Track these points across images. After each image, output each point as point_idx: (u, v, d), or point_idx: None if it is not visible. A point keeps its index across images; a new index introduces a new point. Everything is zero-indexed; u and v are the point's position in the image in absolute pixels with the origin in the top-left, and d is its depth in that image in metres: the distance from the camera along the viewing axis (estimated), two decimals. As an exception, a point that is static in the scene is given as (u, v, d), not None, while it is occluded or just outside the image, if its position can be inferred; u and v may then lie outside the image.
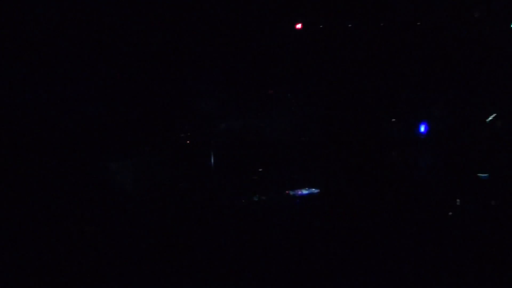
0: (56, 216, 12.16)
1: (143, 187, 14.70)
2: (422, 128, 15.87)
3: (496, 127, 16.28)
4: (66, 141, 14.55)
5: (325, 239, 11.51)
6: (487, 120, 15.70)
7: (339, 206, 13.12)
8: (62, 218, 12.11)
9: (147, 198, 14.39)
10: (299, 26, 18.13)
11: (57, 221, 12.01)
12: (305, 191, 13.99)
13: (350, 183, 14.14)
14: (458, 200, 13.31)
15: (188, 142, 15.80)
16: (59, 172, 13.75)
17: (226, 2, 17.19)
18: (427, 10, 17.44)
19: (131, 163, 14.93)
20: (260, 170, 15.64)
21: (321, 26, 18.72)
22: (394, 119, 16.17)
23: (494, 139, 15.57)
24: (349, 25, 17.58)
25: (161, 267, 10.58)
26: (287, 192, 14.02)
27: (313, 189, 14.08)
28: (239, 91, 16.58)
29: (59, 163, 14.09)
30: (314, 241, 11.51)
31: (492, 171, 14.43)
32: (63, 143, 14.50)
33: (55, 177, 13.49)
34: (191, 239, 11.68)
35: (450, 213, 13.01)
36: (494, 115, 15.71)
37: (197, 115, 15.65)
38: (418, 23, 17.80)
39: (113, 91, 15.76)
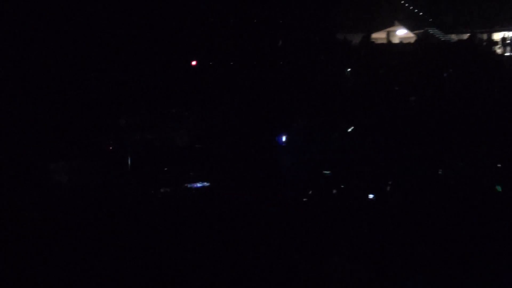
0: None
1: (76, 183, 14.51)
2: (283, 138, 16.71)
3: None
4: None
5: (214, 222, 10.76)
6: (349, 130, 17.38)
7: (223, 195, 12.87)
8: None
9: (80, 192, 13.99)
10: (194, 63, 19.14)
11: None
12: (199, 184, 14.28)
13: (232, 179, 14.30)
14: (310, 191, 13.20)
15: (111, 148, 16.36)
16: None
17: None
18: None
19: (68, 164, 14.79)
20: (165, 169, 16.08)
21: (210, 63, 19.54)
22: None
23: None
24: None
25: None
26: (185, 185, 14.22)
27: (205, 183, 14.41)
28: (149, 111, 17.56)
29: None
30: (206, 223, 10.77)
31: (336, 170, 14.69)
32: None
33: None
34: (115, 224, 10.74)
35: (305, 199, 12.76)
36: (352, 127, 17.44)
37: (118, 129, 15.65)
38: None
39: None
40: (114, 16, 18.61)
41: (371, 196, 10.28)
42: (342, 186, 13.07)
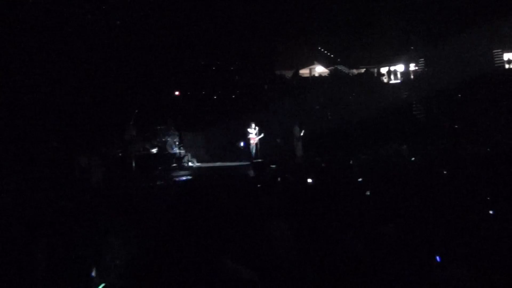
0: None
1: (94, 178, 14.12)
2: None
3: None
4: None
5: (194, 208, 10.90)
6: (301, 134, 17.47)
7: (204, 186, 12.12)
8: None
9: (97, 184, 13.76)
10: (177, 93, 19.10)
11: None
12: (183, 178, 14.30)
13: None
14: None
15: (120, 154, 16.20)
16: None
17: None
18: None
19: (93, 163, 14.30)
20: (160, 168, 16.06)
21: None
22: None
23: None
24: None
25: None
26: (174, 178, 14.24)
27: (189, 177, 14.46)
28: (146, 128, 16.98)
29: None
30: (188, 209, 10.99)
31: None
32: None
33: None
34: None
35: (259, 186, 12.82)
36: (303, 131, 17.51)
37: (124, 141, 15.55)
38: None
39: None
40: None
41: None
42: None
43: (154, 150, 17.37)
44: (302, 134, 17.75)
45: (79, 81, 16.21)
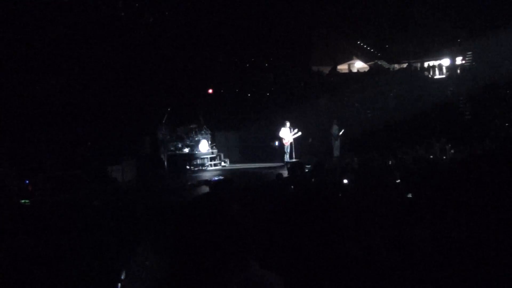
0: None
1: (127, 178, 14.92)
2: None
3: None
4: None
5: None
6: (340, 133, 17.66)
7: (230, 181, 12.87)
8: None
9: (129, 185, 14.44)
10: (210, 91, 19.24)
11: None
12: (216, 178, 14.19)
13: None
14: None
15: (152, 154, 16.46)
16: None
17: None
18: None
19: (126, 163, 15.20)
20: (192, 168, 16.31)
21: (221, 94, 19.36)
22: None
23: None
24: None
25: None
26: (206, 179, 14.10)
27: (221, 177, 14.31)
28: (178, 127, 17.17)
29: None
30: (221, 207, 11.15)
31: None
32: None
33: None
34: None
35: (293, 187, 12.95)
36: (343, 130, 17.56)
37: (157, 140, 15.81)
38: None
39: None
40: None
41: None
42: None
43: (186, 150, 17.59)
44: (341, 133, 17.62)
45: (111, 80, 16.59)
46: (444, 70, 26.72)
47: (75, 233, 6.42)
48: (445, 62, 27.39)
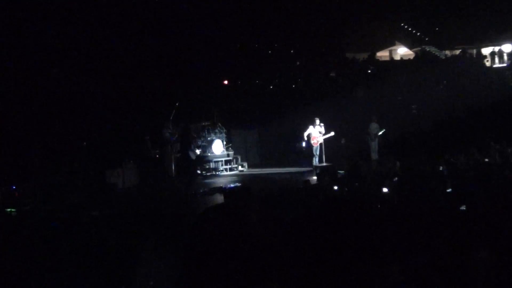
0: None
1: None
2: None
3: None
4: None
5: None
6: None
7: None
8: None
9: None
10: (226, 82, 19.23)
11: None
12: (231, 185, 14.51)
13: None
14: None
15: (157, 156, 16.64)
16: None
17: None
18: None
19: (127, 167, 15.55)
20: (204, 173, 16.38)
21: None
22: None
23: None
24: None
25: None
26: (220, 186, 14.41)
27: (237, 184, 14.69)
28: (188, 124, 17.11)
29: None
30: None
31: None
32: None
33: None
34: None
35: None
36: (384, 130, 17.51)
37: (163, 140, 15.91)
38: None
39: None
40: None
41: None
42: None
43: (198, 151, 17.62)
44: (381, 132, 17.46)
45: (109, 69, 16.79)
46: (506, 58, 26.38)
47: (65, 250, 6.83)
48: (507, 48, 27.01)
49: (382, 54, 32.03)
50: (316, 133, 16.92)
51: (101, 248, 7.02)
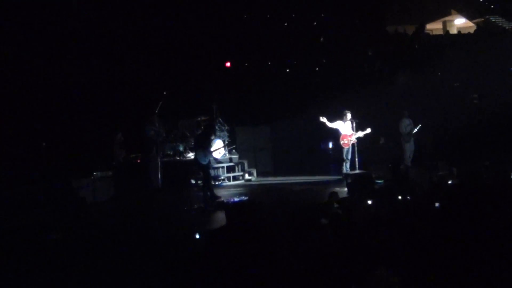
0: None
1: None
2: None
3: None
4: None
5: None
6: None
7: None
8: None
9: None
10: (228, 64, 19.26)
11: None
12: (235, 199, 14.60)
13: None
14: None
15: (138, 161, 16.82)
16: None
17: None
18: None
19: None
20: (199, 183, 16.45)
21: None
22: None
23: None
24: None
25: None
26: (221, 199, 14.38)
27: (243, 197, 14.79)
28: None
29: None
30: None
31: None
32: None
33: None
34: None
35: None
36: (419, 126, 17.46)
37: (146, 140, 15.92)
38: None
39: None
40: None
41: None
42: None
43: (191, 155, 17.54)
44: (416, 130, 17.31)
45: (77, 50, 16.95)
46: None
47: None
48: None
49: (434, 27, 32.08)
50: (347, 130, 16.72)
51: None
